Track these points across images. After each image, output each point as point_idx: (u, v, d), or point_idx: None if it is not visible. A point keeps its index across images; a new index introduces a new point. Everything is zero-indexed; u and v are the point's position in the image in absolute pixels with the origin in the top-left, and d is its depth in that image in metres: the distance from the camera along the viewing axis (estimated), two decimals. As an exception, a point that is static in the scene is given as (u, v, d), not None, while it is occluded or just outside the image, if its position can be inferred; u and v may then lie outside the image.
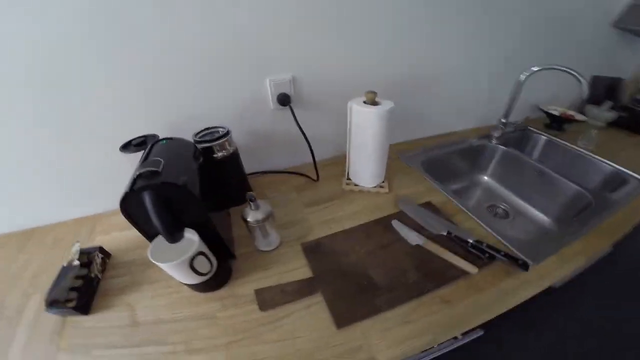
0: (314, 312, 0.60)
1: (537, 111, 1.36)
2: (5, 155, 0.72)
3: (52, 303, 0.60)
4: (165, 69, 0.73)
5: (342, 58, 0.89)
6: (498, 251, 0.66)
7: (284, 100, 0.86)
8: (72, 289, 0.62)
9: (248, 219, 0.67)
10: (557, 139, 1.23)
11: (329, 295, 0.62)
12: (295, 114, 0.86)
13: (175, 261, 0.53)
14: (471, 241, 0.69)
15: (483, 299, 0.61)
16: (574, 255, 0.70)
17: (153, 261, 0.52)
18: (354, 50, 0.89)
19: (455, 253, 0.68)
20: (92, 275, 0.67)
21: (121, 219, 0.51)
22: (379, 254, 0.71)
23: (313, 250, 0.73)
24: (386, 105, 0.78)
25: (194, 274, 0.57)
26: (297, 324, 0.58)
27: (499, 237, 0.74)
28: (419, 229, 0.76)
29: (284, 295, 0.63)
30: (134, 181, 0.49)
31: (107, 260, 0.74)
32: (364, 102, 0.79)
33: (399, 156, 1.09)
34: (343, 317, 0.58)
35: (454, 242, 0.71)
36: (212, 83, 0.79)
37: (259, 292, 0.64)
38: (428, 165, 1.05)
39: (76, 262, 0.66)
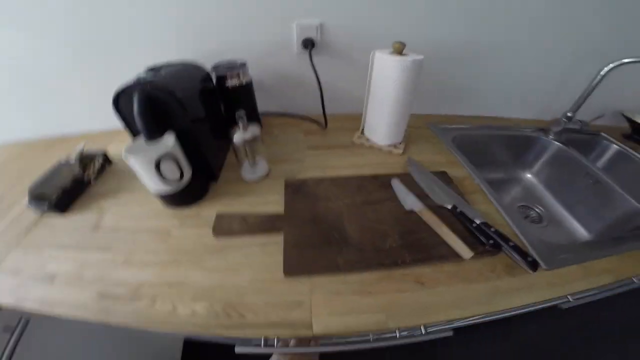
0: (268, 252, 0.50)
1: (615, 116, 1.04)
2: (48, 67, 0.73)
3: (35, 198, 0.57)
4: (198, 3, 0.69)
5: (379, 9, 0.73)
6: (507, 240, 0.49)
7: (307, 45, 0.76)
8: (62, 188, 0.59)
9: (234, 138, 0.59)
10: (634, 152, 0.93)
11: (290, 238, 0.51)
12: (320, 63, 0.77)
13: (141, 155, 0.48)
14: (478, 222, 0.52)
15: (467, 292, 0.45)
16: (602, 272, 0.49)
17: (124, 154, 0.48)
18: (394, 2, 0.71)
19: (454, 230, 0.51)
20: (86, 177, 0.64)
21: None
22: (364, 209, 0.57)
23: (295, 189, 0.62)
24: (412, 56, 0.62)
25: (160, 179, 0.51)
26: (244, 259, 0.49)
27: (516, 230, 0.55)
28: (421, 195, 0.60)
29: (243, 225, 0.54)
30: (129, 84, 0.49)
31: (108, 166, 0.71)
32: (391, 53, 0.64)
33: (429, 126, 0.90)
34: (294, 265, 0.47)
35: (457, 220, 0.55)
36: (241, 19, 0.73)
37: (219, 217, 0.56)
38: (460, 142, 0.85)
39: (72, 161, 0.64)
